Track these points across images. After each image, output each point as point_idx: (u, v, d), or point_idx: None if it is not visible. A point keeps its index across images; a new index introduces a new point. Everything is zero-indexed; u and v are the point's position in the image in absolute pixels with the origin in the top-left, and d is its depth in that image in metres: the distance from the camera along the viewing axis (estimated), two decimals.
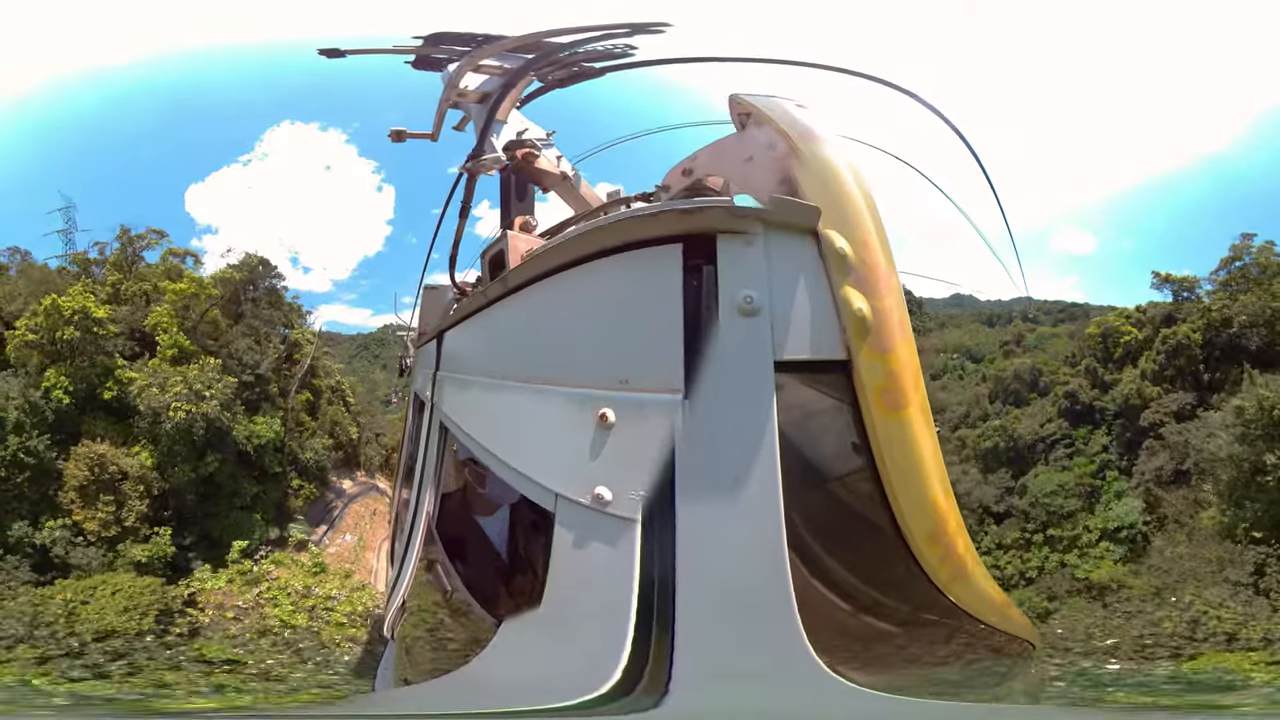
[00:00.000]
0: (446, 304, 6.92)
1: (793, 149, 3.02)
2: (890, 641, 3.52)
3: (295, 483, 30.90)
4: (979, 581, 3.75)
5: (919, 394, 3.10)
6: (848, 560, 3.22)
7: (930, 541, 3.23)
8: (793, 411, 2.90)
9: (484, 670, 4.06)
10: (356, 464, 37.50)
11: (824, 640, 2.96)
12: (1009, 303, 79.21)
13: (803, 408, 2.95)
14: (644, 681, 2.89)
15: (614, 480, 2.93)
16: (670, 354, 2.84)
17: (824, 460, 3.09)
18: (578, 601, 3.18)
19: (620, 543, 2.89)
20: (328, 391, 36.69)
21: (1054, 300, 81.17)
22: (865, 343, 2.89)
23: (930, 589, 3.38)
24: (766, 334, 2.82)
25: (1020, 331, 68.00)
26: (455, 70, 6.14)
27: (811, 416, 3.01)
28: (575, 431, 3.04)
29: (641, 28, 5.62)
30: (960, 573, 3.49)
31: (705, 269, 2.86)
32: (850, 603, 3.27)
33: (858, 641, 3.35)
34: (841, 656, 3.07)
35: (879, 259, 2.94)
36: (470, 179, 5.77)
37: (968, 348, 72.56)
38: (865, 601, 3.35)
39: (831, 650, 3.00)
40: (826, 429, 3.07)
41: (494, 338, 4.35)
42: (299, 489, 31.33)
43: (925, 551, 3.23)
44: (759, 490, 2.79)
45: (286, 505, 29.46)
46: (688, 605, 2.83)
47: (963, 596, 3.59)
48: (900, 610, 3.51)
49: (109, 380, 24.91)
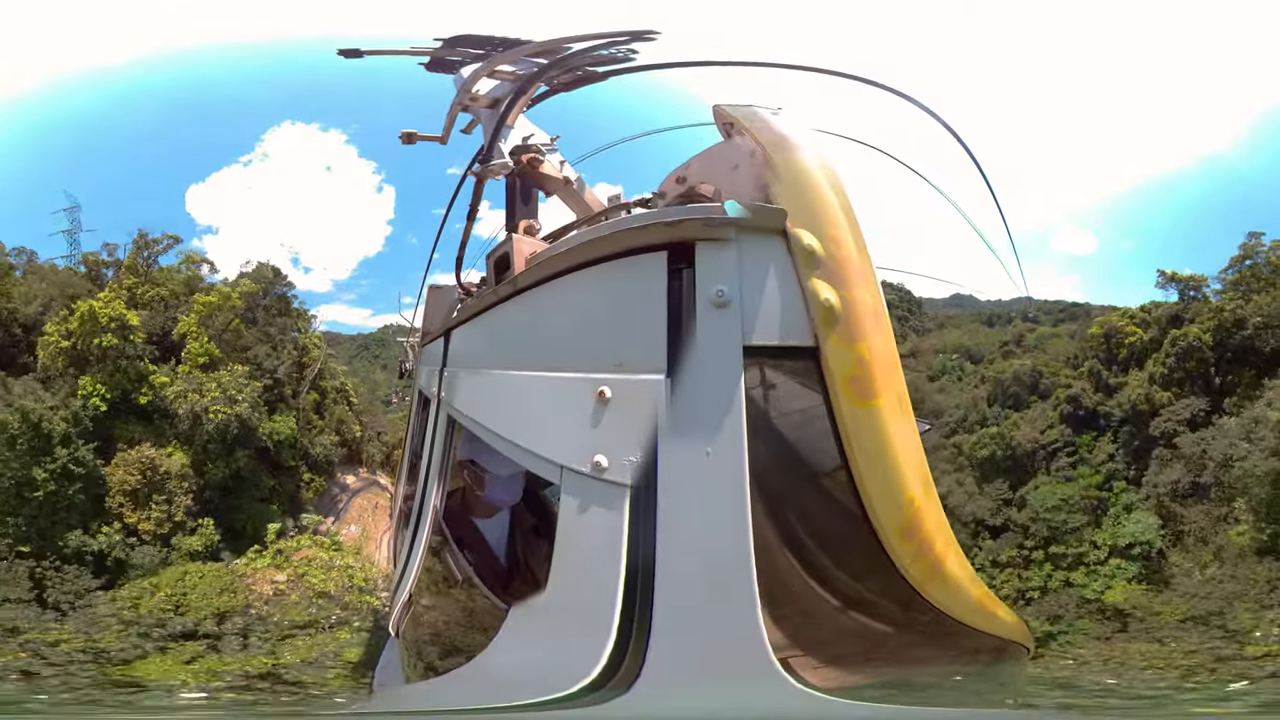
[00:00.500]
0: (451, 304, 7.09)
1: (767, 159, 3.33)
2: (854, 638, 3.60)
3: (306, 476, 33.16)
4: (959, 582, 3.81)
5: (893, 385, 3.28)
6: (814, 547, 3.38)
7: (902, 536, 3.35)
8: (762, 391, 3.19)
9: (491, 662, 4.29)
10: (359, 461, 39.47)
11: (784, 630, 3.15)
12: (1009, 303, 78.83)
13: (772, 389, 3.23)
14: (622, 669, 3.15)
15: (610, 448, 3.24)
16: (656, 341, 3.18)
17: (792, 442, 3.32)
18: (581, 573, 3.44)
19: (614, 508, 3.19)
20: (333, 392, 38.76)
21: (1054, 300, 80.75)
22: (834, 331, 3.13)
23: (902, 586, 3.47)
24: (736, 322, 3.12)
25: (1020, 332, 66.33)
26: (471, 74, 6.34)
27: (781, 399, 3.27)
28: (577, 408, 3.35)
29: (637, 36, 5.81)
30: (936, 572, 3.58)
31: (685, 271, 3.19)
32: (814, 592, 3.40)
33: (819, 635, 3.45)
34: (800, 651, 3.25)
35: (850, 253, 3.20)
36: (479, 182, 5.97)
37: (967, 348, 70.98)
38: (830, 593, 3.46)
39: (791, 643, 3.19)
40: (795, 413, 3.32)
41: (502, 333, 4.63)
42: (309, 482, 33.62)
43: (897, 546, 3.36)
44: (728, 465, 3.08)
45: (299, 497, 32.01)
46: (665, 582, 3.10)
47: (938, 596, 3.66)
48: (866, 606, 3.59)
49: (143, 386, 26.59)
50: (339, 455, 37.92)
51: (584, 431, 3.31)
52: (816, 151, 3.34)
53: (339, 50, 7.00)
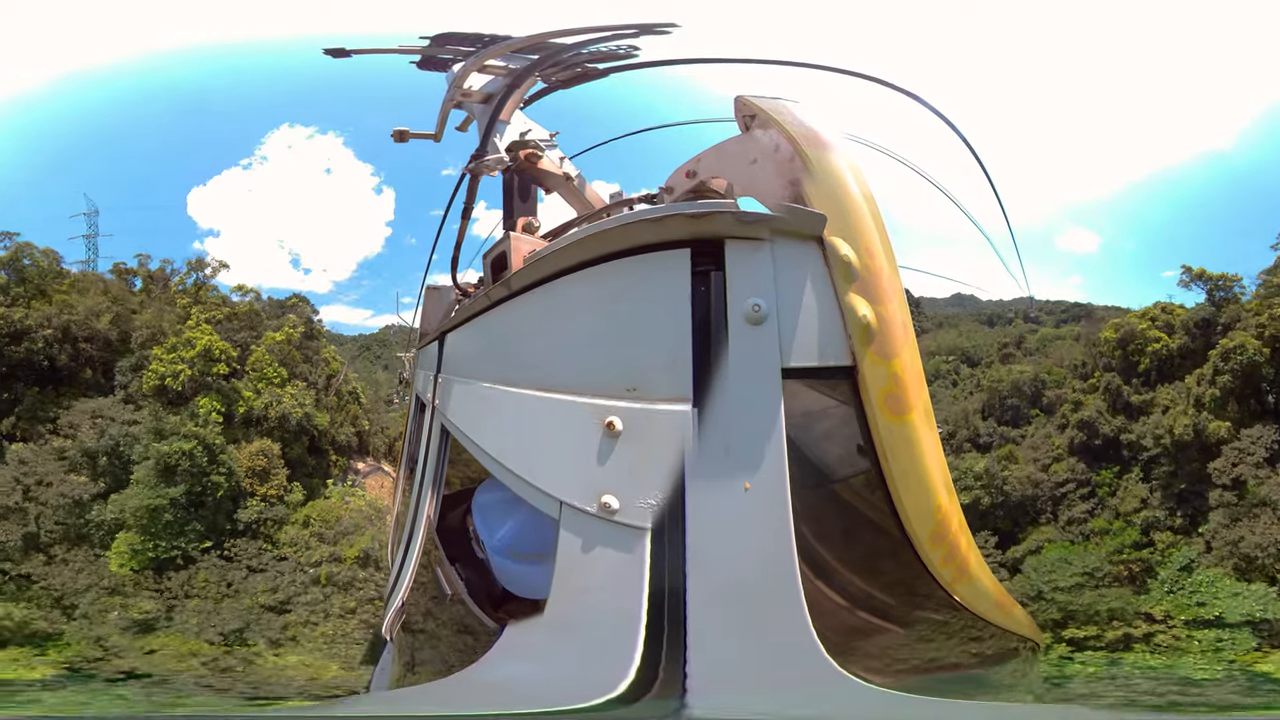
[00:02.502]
0: (448, 305, 6.90)
1: (799, 154, 3.06)
2: (898, 641, 3.60)
3: (334, 458, 43.93)
4: (982, 580, 3.84)
5: (922, 398, 3.16)
6: (854, 562, 3.30)
7: (934, 542, 3.29)
8: (800, 418, 2.96)
9: (486, 674, 4.05)
10: (366, 450, 46.93)
11: (834, 641, 3.01)
12: (1010, 303, 78.17)
13: (809, 414, 3.01)
14: (656, 687, 2.91)
15: (622, 489, 2.94)
16: (679, 364, 2.87)
17: (830, 465, 3.16)
18: (584, 607, 3.19)
19: (629, 550, 2.91)
20: (347, 394, 48.20)
21: (1056, 300, 78.78)
22: (870, 348, 2.93)
23: (935, 588, 3.45)
24: (774, 342, 2.85)
25: (1021, 333, 60.76)
26: (460, 70, 6.12)
27: (818, 422, 3.07)
28: (581, 439, 3.05)
29: (648, 28, 5.61)
30: (963, 572, 3.57)
31: (714, 275, 2.87)
32: (858, 604, 3.34)
33: (867, 641, 3.42)
34: (852, 656, 3.12)
35: (883, 265, 2.99)
36: (473, 180, 5.76)
37: (964, 350, 64.87)
38: (872, 602, 3.42)
39: (842, 651, 3.04)
40: (832, 434, 3.12)
41: (496, 341, 4.34)
42: (335, 462, 44.25)
43: (929, 551, 3.30)
44: (768, 497, 2.83)
45: (330, 473, 43.36)
46: (700, 611, 2.85)
47: (966, 595, 3.67)
48: (906, 610, 3.58)
49: (239, 401, 37.47)
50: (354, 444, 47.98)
51: (588, 466, 3.00)
52: (848, 153, 3.11)
53: (325, 50, 6.78)
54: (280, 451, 38.21)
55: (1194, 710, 21.92)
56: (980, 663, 4.34)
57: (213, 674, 29.61)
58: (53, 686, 26.62)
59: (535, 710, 3.30)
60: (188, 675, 29.05)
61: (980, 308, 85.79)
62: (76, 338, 36.80)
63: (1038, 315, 74.96)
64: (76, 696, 25.86)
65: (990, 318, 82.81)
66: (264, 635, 31.76)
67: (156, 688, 27.72)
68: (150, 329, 37.60)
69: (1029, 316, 74.69)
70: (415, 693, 5.86)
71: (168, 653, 29.85)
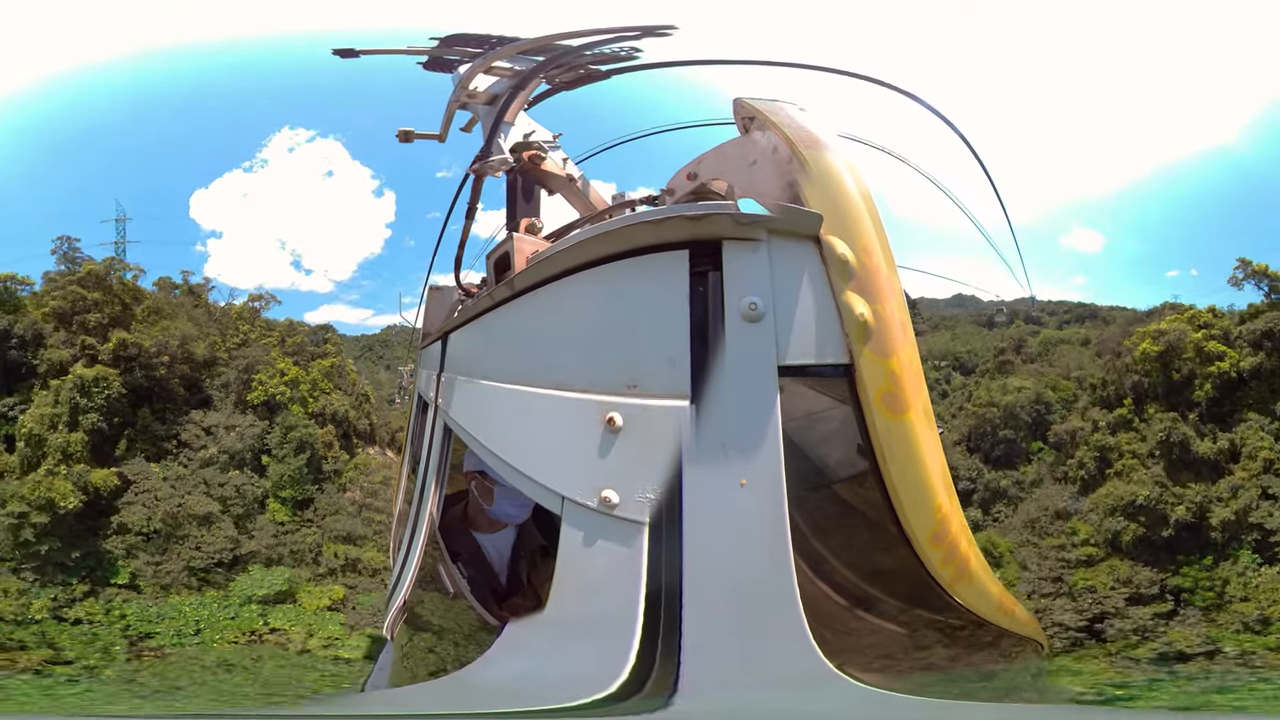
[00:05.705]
0: (451, 305, 6.93)
1: (796, 155, 3.10)
2: (895, 641, 3.60)
3: (356, 441, 52.50)
4: (983, 581, 3.84)
5: (921, 397, 3.20)
6: (852, 561, 3.31)
7: (933, 542, 3.30)
8: (797, 415, 3.00)
9: (487, 671, 4.10)
10: (373, 440, 56.62)
11: (831, 641, 3.04)
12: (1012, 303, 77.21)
13: (807, 411, 3.04)
14: (651, 683, 2.96)
15: (622, 483, 3.00)
16: (678, 361, 2.93)
17: (828, 463, 3.19)
18: (585, 603, 3.24)
19: (627, 545, 2.97)
20: (359, 396, 57.04)
21: (1058, 300, 75.62)
22: (867, 347, 2.97)
23: (934, 588, 3.46)
24: (770, 339, 2.91)
25: (1021, 336, 52.96)
26: (467, 71, 6.17)
27: (815, 420, 3.10)
28: (583, 435, 3.11)
29: (650, 31, 5.66)
30: (963, 572, 3.57)
31: (711, 275, 2.94)
32: (855, 603, 3.36)
33: (864, 641, 3.42)
34: (849, 657, 3.14)
35: (880, 264, 3.02)
36: (477, 180, 5.79)
37: (957, 355, 58.87)
38: (870, 601, 3.43)
39: (839, 651, 3.07)
40: (830, 432, 3.16)
41: (499, 340, 4.38)
42: (357, 444, 52.91)
43: (928, 552, 3.31)
44: (765, 494, 2.88)
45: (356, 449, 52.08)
46: (695, 607, 2.91)
47: (966, 596, 3.67)
48: (905, 610, 3.59)
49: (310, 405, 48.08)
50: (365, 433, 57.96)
51: (589, 461, 3.07)
52: (844, 153, 3.16)
53: (334, 50, 6.83)
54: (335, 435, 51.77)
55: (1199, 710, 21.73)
56: (981, 664, 4.35)
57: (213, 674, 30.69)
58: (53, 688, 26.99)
59: (534, 708, 3.35)
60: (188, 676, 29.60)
61: (981, 309, 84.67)
62: (174, 359, 44.44)
63: (1039, 316, 73.78)
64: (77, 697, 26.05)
65: (990, 319, 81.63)
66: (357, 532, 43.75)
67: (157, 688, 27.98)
68: (246, 359, 48.44)
69: (1030, 316, 73.35)
70: (416, 691, 5.89)
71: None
